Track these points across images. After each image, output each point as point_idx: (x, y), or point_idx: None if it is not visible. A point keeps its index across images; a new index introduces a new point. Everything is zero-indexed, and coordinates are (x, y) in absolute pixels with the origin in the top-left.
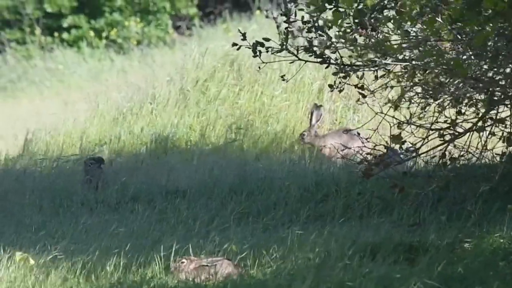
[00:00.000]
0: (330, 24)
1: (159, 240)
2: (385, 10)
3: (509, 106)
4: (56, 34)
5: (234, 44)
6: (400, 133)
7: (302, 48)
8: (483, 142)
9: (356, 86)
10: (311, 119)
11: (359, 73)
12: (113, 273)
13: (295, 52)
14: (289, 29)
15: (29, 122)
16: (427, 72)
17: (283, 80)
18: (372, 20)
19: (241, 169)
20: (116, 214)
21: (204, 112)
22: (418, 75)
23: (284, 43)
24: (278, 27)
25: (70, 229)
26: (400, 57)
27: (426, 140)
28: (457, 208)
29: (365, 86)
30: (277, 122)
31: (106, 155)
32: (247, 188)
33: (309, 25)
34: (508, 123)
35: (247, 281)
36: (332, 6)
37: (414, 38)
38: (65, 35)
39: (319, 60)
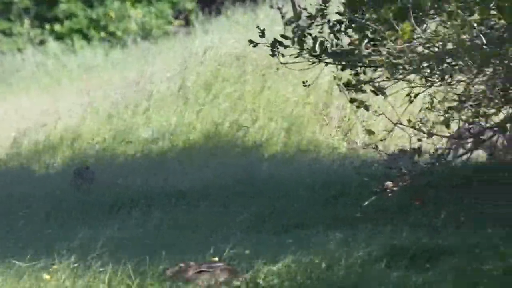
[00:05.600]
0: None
1: (158, 245)
2: None
3: None
4: (47, 25)
5: (251, 42)
6: (420, 147)
7: (324, 49)
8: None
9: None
10: None
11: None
12: (104, 281)
13: (317, 54)
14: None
15: (17, 120)
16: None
17: (305, 86)
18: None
19: (245, 169)
20: (111, 220)
21: (206, 110)
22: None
23: (306, 47)
24: (282, 17)
25: (63, 237)
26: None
27: (454, 150)
28: (478, 211)
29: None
30: (282, 118)
31: (98, 155)
32: (253, 190)
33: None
34: None
35: None
36: None
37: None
38: (57, 27)
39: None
